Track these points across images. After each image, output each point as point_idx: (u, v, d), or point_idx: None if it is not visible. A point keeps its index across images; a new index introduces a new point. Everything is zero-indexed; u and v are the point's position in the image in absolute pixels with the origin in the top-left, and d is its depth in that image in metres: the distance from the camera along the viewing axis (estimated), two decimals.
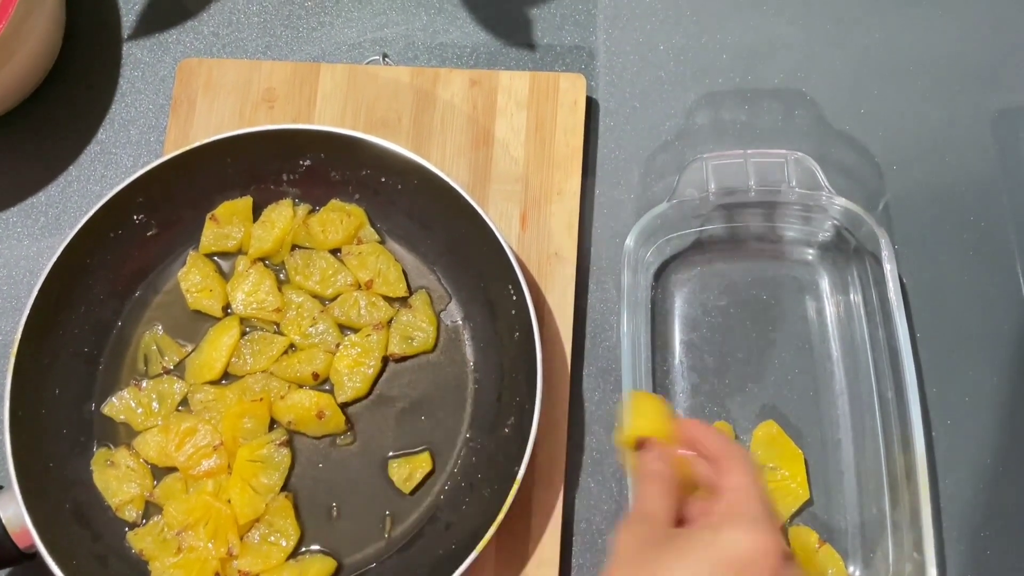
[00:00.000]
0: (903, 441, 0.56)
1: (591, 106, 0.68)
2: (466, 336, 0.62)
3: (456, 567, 0.53)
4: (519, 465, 0.54)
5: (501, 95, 0.66)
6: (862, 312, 0.61)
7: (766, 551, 0.38)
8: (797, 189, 0.60)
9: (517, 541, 0.58)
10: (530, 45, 0.70)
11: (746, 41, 0.69)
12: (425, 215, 0.62)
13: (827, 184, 0.59)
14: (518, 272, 0.57)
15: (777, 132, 0.67)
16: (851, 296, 0.62)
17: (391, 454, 0.60)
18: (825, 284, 0.63)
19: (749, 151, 0.60)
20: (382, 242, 0.63)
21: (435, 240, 0.62)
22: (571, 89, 0.66)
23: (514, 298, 0.57)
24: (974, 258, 0.64)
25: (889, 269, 0.58)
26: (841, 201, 0.59)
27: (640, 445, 0.46)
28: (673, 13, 0.70)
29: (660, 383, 0.62)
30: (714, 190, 0.59)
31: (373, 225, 0.63)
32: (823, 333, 0.62)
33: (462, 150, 0.65)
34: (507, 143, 0.65)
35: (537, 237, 0.63)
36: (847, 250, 0.62)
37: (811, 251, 0.64)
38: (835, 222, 0.61)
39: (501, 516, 0.54)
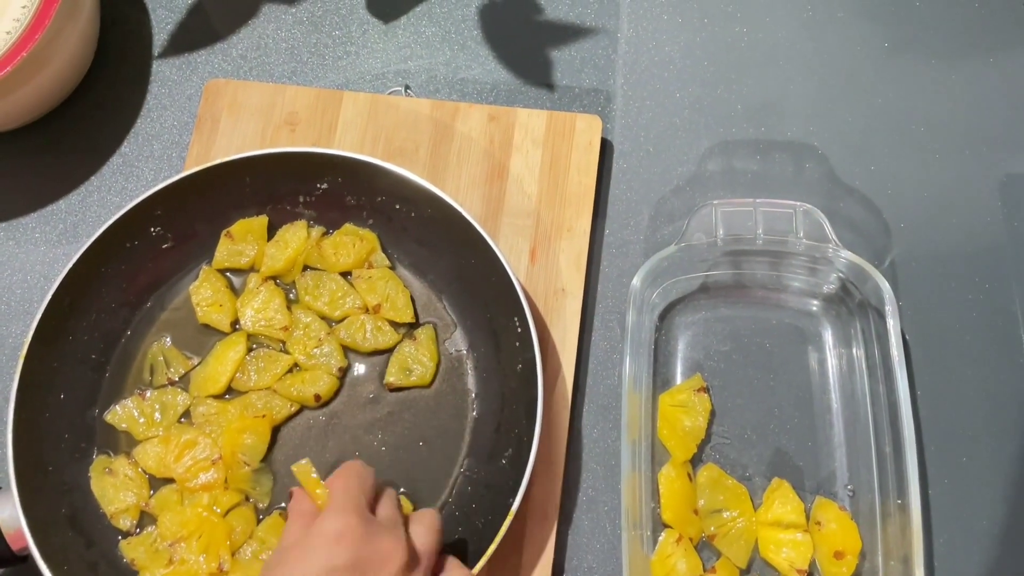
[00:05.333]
0: (899, 497, 0.56)
1: (605, 147, 0.69)
2: (469, 365, 0.62)
3: None
4: (514, 497, 0.54)
5: (518, 131, 0.67)
6: (863, 366, 0.62)
7: (347, 524, 0.46)
8: (804, 240, 0.60)
9: (508, 574, 0.58)
10: (549, 85, 0.71)
11: (760, 94, 0.70)
12: (436, 244, 0.63)
13: (834, 237, 0.60)
14: (525, 305, 0.57)
15: (787, 184, 0.68)
16: (853, 349, 0.62)
17: None
18: (828, 336, 0.63)
19: (758, 200, 0.61)
20: (392, 268, 0.64)
21: (444, 269, 0.63)
22: (587, 130, 0.67)
23: (519, 330, 0.58)
24: (978, 319, 0.64)
25: (892, 324, 0.58)
26: (847, 255, 0.60)
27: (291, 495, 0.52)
28: (690, 63, 0.72)
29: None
30: (722, 236, 0.60)
31: (385, 251, 0.64)
32: (824, 384, 0.62)
33: (477, 183, 0.67)
34: (521, 179, 0.66)
35: (545, 272, 0.64)
36: (851, 304, 0.62)
37: (815, 302, 0.64)
38: (840, 275, 0.62)
39: (493, 547, 0.54)
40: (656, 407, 0.61)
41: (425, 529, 0.50)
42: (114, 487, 0.59)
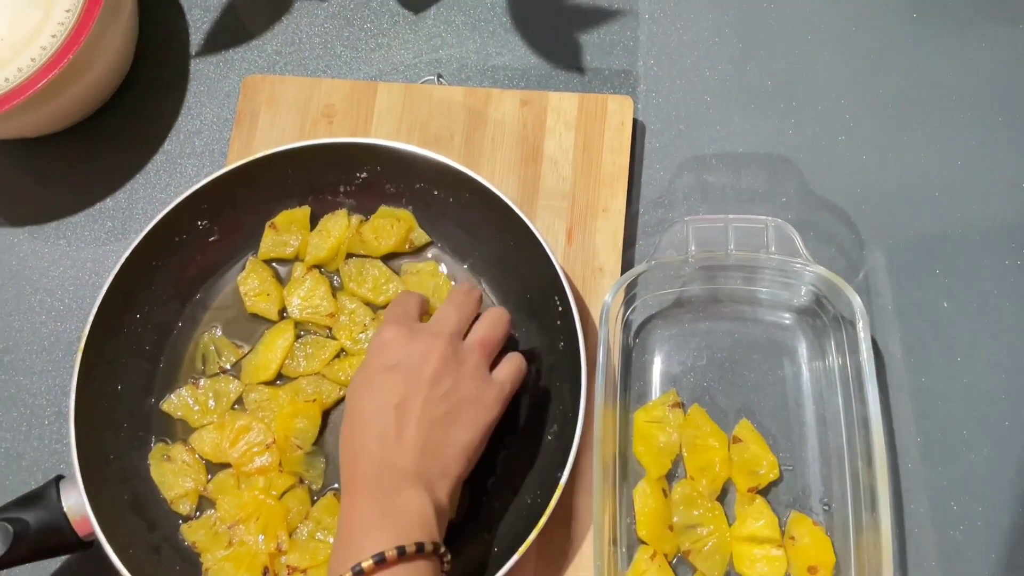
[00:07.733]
0: (872, 511, 0.54)
1: (637, 128, 0.70)
2: (509, 346, 0.63)
3: (497, 570, 0.54)
4: (562, 471, 0.55)
5: (551, 115, 0.68)
6: (836, 379, 0.60)
7: (392, 332, 0.54)
8: (776, 256, 0.59)
9: (556, 547, 0.59)
10: (579, 68, 0.72)
11: (790, 70, 0.71)
12: (475, 227, 0.64)
13: (805, 251, 0.59)
14: (565, 284, 0.58)
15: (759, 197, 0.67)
16: (828, 362, 0.61)
17: None
18: (803, 349, 0.62)
19: (731, 216, 0.61)
20: (433, 243, 0.66)
21: (483, 252, 0.65)
22: (619, 110, 0.68)
23: (560, 309, 0.59)
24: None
25: (863, 338, 0.57)
26: (817, 269, 0.59)
27: None
28: (719, 41, 0.72)
29: None
30: (694, 252, 0.60)
31: (422, 227, 0.66)
32: (799, 398, 0.61)
33: (511, 167, 0.68)
34: (555, 161, 0.67)
35: (582, 252, 0.65)
36: (827, 316, 0.61)
37: (789, 316, 0.63)
38: (814, 289, 0.61)
39: (543, 521, 0.55)
40: (631, 422, 0.61)
41: (488, 323, 0.57)
42: (173, 473, 0.61)
